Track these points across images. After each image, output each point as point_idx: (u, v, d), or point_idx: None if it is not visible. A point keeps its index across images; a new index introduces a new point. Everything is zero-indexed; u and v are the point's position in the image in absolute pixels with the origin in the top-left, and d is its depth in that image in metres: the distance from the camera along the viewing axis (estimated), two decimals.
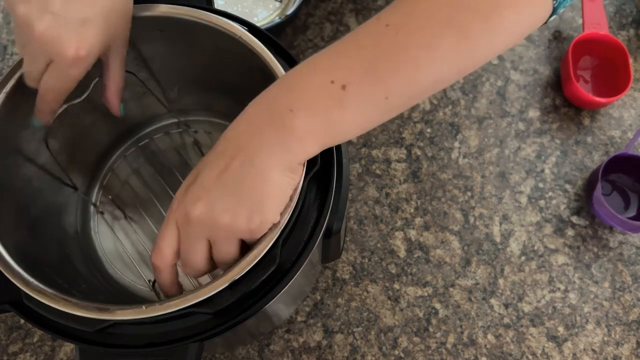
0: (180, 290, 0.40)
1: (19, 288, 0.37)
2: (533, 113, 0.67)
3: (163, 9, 0.44)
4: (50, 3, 0.37)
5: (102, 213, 0.54)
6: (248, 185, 0.34)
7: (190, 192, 0.35)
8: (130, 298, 0.51)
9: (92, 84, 0.45)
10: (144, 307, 0.35)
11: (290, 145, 0.35)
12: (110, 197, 0.54)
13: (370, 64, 0.35)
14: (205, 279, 0.45)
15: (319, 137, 0.35)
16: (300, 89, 0.35)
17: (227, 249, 0.36)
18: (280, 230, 0.36)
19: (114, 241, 0.53)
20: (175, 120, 0.57)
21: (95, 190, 0.55)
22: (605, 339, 0.57)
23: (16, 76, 0.42)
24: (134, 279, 0.52)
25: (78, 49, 0.38)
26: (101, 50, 0.41)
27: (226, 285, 0.36)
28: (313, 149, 0.36)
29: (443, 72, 0.37)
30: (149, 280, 0.51)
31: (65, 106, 0.43)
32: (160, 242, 0.36)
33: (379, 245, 0.60)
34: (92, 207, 0.55)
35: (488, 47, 0.37)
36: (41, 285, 0.37)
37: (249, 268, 0.36)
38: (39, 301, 0.36)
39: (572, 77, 0.63)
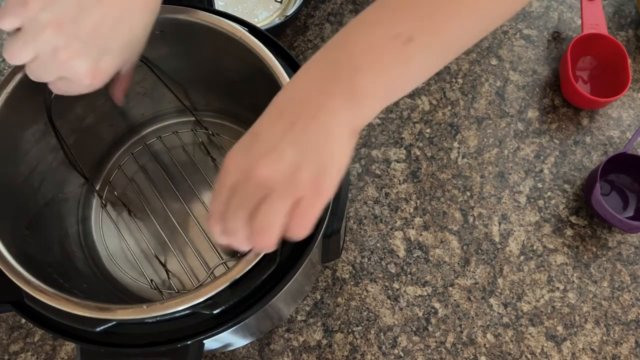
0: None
1: (20, 287, 0.37)
2: (532, 113, 0.67)
3: (163, 10, 0.44)
4: (81, 29, 0.37)
5: (106, 206, 0.54)
6: (315, 144, 0.33)
7: (253, 150, 0.33)
8: (131, 297, 0.51)
9: None
10: (145, 307, 0.36)
11: (357, 105, 0.33)
12: (116, 193, 0.55)
13: (429, 14, 0.34)
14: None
15: (383, 95, 0.34)
16: (364, 46, 0.34)
17: (279, 207, 0.33)
18: None
19: (117, 239, 0.53)
20: (183, 119, 0.58)
21: (99, 186, 0.56)
22: (604, 338, 0.57)
23: (17, 77, 0.42)
24: (136, 277, 0.52)
25: (94, 79, 0.39)
26: (114, 74, 0.41)
27: (226, 285, 0.36)
28: (376, 109, 0.35)
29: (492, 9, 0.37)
30: (151, 280, 0.51)
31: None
32: (215, 206, 0.34)
33: (378, 244, 0.61)
34: (94, 206, 0.55)
35: None
36: (42, 285, 0.37)
37: (249, 268, 0.36)
38: (40, 300, 0.37)
39: (571, 78, 0.63)
